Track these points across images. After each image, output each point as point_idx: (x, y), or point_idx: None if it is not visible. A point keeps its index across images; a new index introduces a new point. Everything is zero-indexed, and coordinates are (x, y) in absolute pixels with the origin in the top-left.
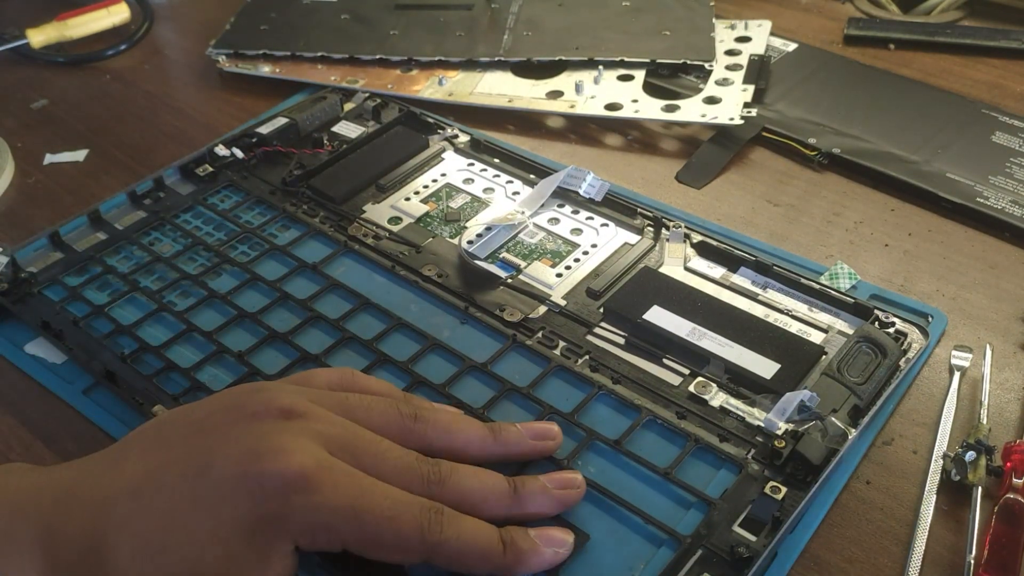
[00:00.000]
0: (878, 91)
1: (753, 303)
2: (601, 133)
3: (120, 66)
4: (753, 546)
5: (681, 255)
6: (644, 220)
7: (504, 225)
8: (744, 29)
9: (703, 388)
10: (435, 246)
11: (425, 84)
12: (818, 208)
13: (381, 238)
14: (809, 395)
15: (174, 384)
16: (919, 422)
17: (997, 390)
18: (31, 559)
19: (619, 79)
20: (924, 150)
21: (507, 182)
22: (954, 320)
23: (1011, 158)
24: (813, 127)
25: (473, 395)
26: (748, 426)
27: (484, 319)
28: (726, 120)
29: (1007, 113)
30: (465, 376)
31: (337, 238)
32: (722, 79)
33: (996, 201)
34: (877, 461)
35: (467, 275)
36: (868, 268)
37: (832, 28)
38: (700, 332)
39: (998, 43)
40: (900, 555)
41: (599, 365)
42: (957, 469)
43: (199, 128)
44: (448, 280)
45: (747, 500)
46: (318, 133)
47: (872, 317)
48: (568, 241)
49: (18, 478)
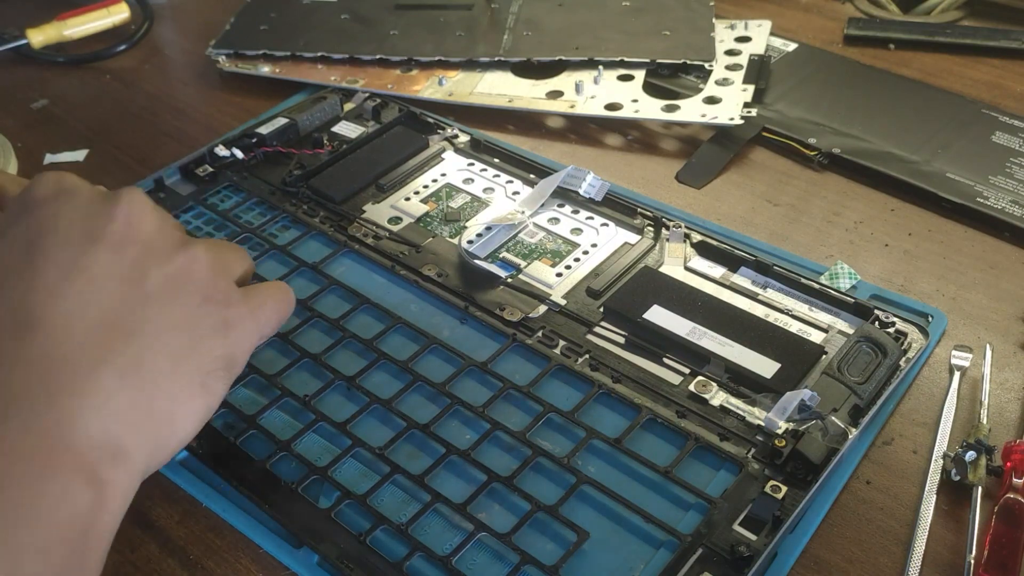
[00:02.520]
0: (878, 91)
1: (753, 303)
2: (601, 133)
3: (120, 66)
4: (753, 545)
5: (681, 255)
6: (644, 220)
7: (504, 225)
8: (744, 29)
9: (703, 387)
10: (435, 246)
11: (425, 84)
12: (818, 208)
13: (381, 238)
14: (809, 394)
15: None
16: (919, 422)
17: (997, 390)
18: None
19: (619, 79)
20: (924, 150)
21: (507, 182)
22: (954, 320)
23: (1011, 158)
24: (813, 127)
25: (473, 394)
26: (748, 425)
27: (484, 318)
28: (726, 120)
29: (1007, 113)
30: (465, 375)
31: (337, 238)
32: (722, 79)
33: (996, 201)
34: (877, 461)
35: (467, 275)
36: (868, 268)
37: (832, 28)
38: (700, 331)
39: (998, 43)
40: (900, 555)
41: (599, 364)
42: (957, 469)
43: (199, 128)
44: (448, 280)
45: (747, 499)
46: (318, 133)
47: (872, 317)
48: (568, 241)
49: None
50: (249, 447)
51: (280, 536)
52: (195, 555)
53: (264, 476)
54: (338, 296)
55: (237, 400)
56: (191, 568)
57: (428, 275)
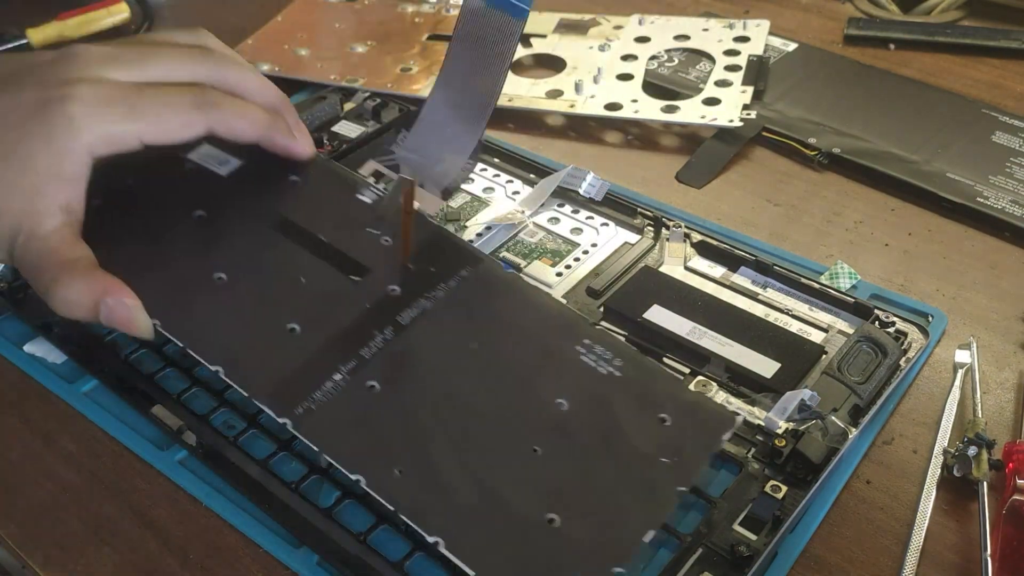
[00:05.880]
0: (878, 91)
1: (753, 302)
2: (601, 132)
3: None
4: (753, 545)
5: (681, 254)
6: (644, 220)
7: (504, 225)
8: (743, 29)
9: (703, 387)
10: None
11: (425, 83)
12: (818, 208)
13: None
14: (809, 394)
15: (173, 383)
16: (919, 421)
17: (997, 389)
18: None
19: (618, 78)
20: (924, 150)
21: (507, 182)
22: (954, 320)
23: (1011, 158)
24: (813, 127)
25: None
26: (748, 425)
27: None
28: (725, 122)
29: (1007, 113)
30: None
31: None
32: (721, 80)
33: (996, 201)
34: (877, 460)
35: None
36: (868, 268)
37: (832, 28)
38: (700, 331)
39: (998, 43)
40: (900, 554)
41: None
42: (960, 465)
43: None
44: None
45: (747, 499)
46: (318, 133)
47: (872, 317)
48: (568, 240)
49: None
50: (249, 447)
51: (280, 536)
52: (195, 555)
53: (264, 476)
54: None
55: (237, 400)
56: (191, 568)
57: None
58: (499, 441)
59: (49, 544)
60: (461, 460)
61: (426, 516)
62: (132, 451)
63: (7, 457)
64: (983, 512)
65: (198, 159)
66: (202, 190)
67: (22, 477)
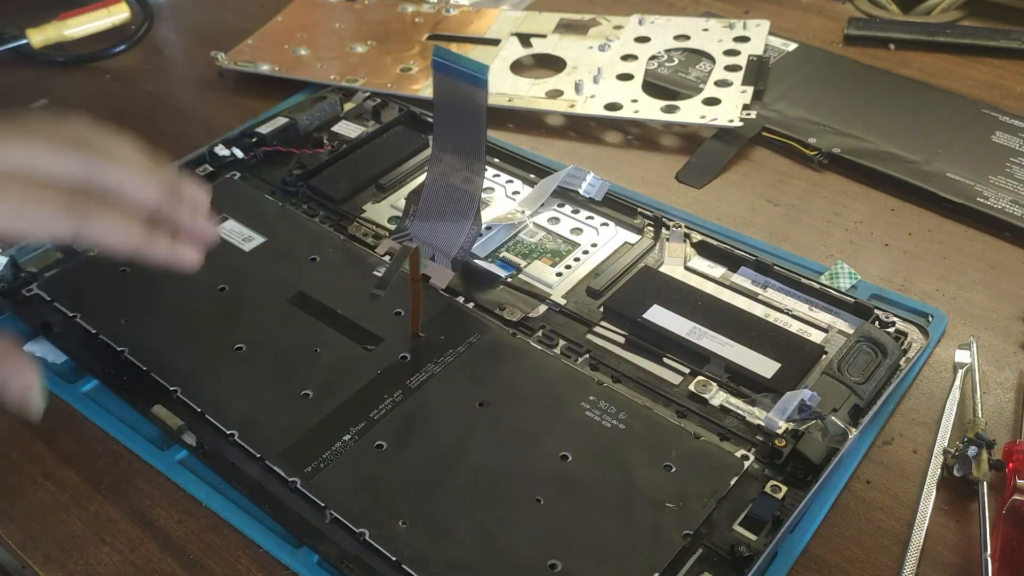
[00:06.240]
0: (878, 91)
1: (753, 303)
2: (601, 132)
3: (120, 66)
4: (753, 545)
5: (681, 255)
6: (644, 220)
7: (504, 224)
8: (743, 29)
9: (703, 387)
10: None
11: (425, 83)
12: (818, 208)
13: (381, 237)
14: (809, 394)
15: (174, 384)
16: (919, 421)
17: (997, 389)
18: None
19: (619, 78)
20: (924, 150)
21: (507, 182)
22: (954, 320)
23: (1011, 158)
24: (813, 127)
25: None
26: (748, 425)
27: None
28: (725, 122)
29: (1007, 113)
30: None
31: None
32: (721, 80)
33: (996, 201)
34: (877, 461)
35: (467, 274)
36: (868, 268)
37: (832, 28)
38: (700, 331)
39: (998, 43)
40: (900, 554)
41: (599, 364)
42: (960, 465)
43: (199, 128)
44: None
45: (747, 499)
46: (318, 133)
47: (872, 317)
48: (568, 240)
49: None
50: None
51: (280, 536)
52: (195, 555)
53: (264, 476)
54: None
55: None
56: (191, 568)
57: (428, 275)
58: (502, 492)
59: (49, 544)
60: (464, 510)
61: (428, 564)
62: (132, 451)
63: (7, 457)
64: (983, 512)
65: (223, 235)
66: (226, 264)
67: (22, 477)
